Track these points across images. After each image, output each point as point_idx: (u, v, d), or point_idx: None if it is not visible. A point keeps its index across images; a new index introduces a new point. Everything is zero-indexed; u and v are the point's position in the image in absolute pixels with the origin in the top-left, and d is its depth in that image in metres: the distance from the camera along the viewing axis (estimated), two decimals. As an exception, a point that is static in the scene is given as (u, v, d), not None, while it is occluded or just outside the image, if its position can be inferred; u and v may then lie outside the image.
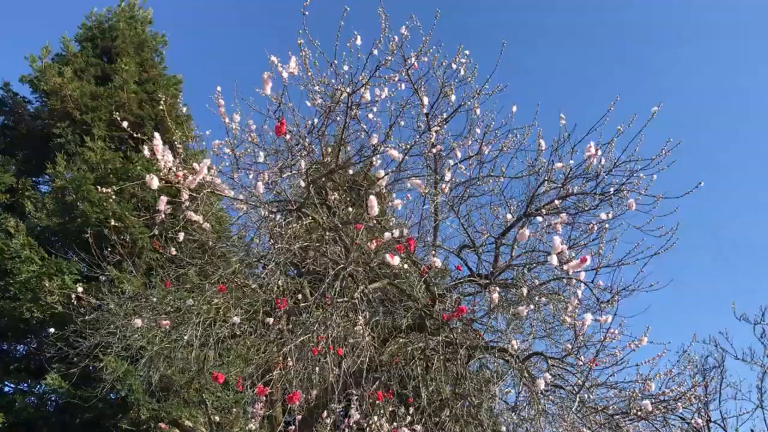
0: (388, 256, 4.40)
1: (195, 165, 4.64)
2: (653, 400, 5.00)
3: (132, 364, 8.29)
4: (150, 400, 9.81)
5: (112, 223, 7.21)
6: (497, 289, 5.01)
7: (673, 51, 35.85)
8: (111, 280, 8.76)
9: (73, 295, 7.43)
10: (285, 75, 4.54)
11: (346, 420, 7.64)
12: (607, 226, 5.76)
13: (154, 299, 6.77)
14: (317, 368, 4.96)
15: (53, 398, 11.40)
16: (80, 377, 9.11)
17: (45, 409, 10.96)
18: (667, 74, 35.42)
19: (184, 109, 15.25)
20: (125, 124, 4.85)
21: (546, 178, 5.60)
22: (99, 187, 4.70)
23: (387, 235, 4.79)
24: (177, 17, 29.44)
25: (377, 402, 5.36)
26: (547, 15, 36.69)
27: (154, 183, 4.20)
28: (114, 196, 4.54)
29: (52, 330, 7.72)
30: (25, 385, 11.63)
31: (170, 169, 4.40)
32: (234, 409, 8.56)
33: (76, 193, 11.68)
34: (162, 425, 8.33)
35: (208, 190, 4.74)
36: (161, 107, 13.08)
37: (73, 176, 11.97)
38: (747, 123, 33.53)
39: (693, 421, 5.53)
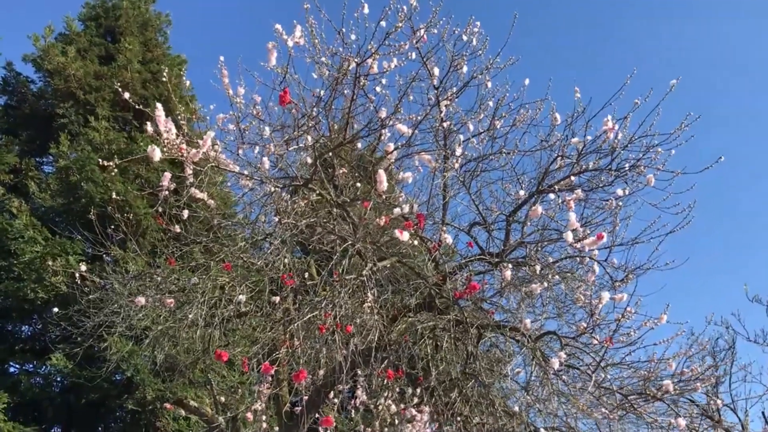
0: (397, 232, 4.26)
1: (199, 140, 4.51)
2: (674, 380, 4.87)
3: (137, 344, 8.22)
4: (155, 380, 9.77)
5: (114, 196, 7.07)
6: (509, 266, 4.88)
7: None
8: (116, 261, 8.67)
9: (77, 275, 7.33)
10: (290, 44, 4.38)
11: (353, 401, 7.56)
12: (620, 204, 5.62)
13: (159, 278, 6.67)
14: (324, 348, 4.85)
15: (59, 379, 11.39)
16: (85, 357, 9.06)
17: (50, 389, 10.95)
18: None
19: (188, 83, 15.11)
20: (126, 95, 4.69)
21: (559, 154, 5.44)
22: (101, 161, 4.57)
23: (396, 210, 4.65)
24: (181, -3, 29.12)
25: (387, 381, 5.24)
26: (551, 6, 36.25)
27: (156, 154, 4.05)
28: (116, 169, 4.40)
29: (56, 309, 7.63)
30: (31, 366, 11.63)
31: (173, 142, 4.26)
32: (240, 390, 8.49)
33: (80, 173, 11.59)
34: (167, 405, 8.27)
35: (212, 164, 4.60)
36: (164, 78, 12.93)
37: (77, 156, 11.88)
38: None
39: (712, 402, 5.42)
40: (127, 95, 4.57)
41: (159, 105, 4.21)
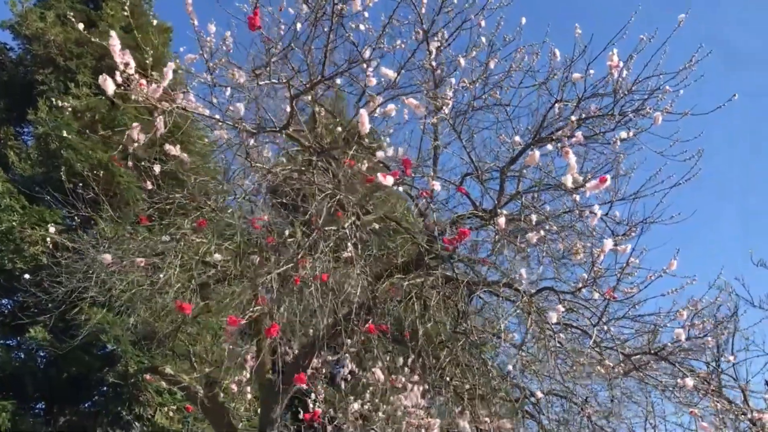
0: (380, 176, 3.87)
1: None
2: (686, 329, 4.49)
3: (117, 314, 7.82)
4: (137, 352, 9.42)
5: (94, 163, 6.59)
6: (504, 212, 4.49)
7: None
8: (98, 230, 8.25)
9: (49, 240, 6.95)
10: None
11: (341, 371, 7.23)
12: (623, 153, 5.24)
13: (134, 244, 6.27)
14: (300, 306, 4.46)
15: (42, 354, 11.03)
16: (66, 329, 8.69)
17: (32, 363, 10.59)
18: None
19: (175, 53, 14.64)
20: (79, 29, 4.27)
21: (558, 99, 5.02)
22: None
23: (380, 154, 4.26)
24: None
25: (371, 335, 4.84)
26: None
27: (110, 86, 3.65)
28: (68, 107, 4.00)
29: (27, 276, 7.23)
30: (14, 340, 11.25)
31: (132, 77, 3.85)
32: (224, 361, 8.12)
33: (60, 141, 11.16)
34: (147, 376, 7.93)
35: (177, 105, 4.18)
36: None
37: (57, 123, 11.43)
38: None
39: (725, 359, 5.10)
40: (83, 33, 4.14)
41: (113, 33, 3.81)
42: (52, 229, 6.63)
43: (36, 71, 12.69)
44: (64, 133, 10.31)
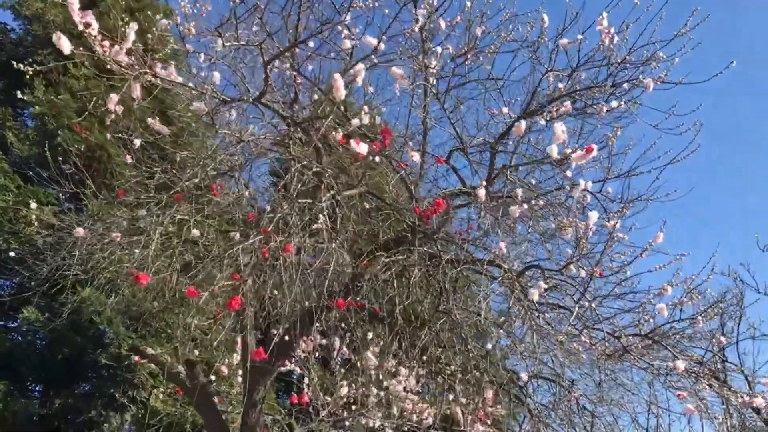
0: (353, 143, 3.68)
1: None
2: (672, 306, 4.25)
3: (102, 293, 7.69)
4: (131, 334, 9.31)
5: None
6: (484, 183, 4.27)
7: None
8: (91, 212, 8.12)
9: (34, 218, 6.84)
10: None
11: (334, 354, 7.05)
12: (615, 130, 4.99)
13: (113, 219, 6.13)
14: (271, 280, 4.29)
15: (40, 336, 10.96)
16: (59, 309, 8.58)
17: (26, 345, 10.52)
18: None
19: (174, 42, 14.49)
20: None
21: (549, 69, 4.78)
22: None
23: (355, 121, 4.06)
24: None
25: (349, 312, 4.66)
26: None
27: (65, 45, 3.50)
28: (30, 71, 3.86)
29: (12, 254, 7.12)
30: (15, 321, 11.18)
31: (95, 39, 3.69)
32: (212, 335, 8.00)
33: (57, 121, 11.05)
34: (136, 358, 7.82)
35: (142, 71, 4.01)
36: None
37: (54, 103, 11.32)
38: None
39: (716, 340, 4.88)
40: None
41: (73, -6, 3.63)
42: (33, 206, 6.50)
43: (35, 52, 12.59)
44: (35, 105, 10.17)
